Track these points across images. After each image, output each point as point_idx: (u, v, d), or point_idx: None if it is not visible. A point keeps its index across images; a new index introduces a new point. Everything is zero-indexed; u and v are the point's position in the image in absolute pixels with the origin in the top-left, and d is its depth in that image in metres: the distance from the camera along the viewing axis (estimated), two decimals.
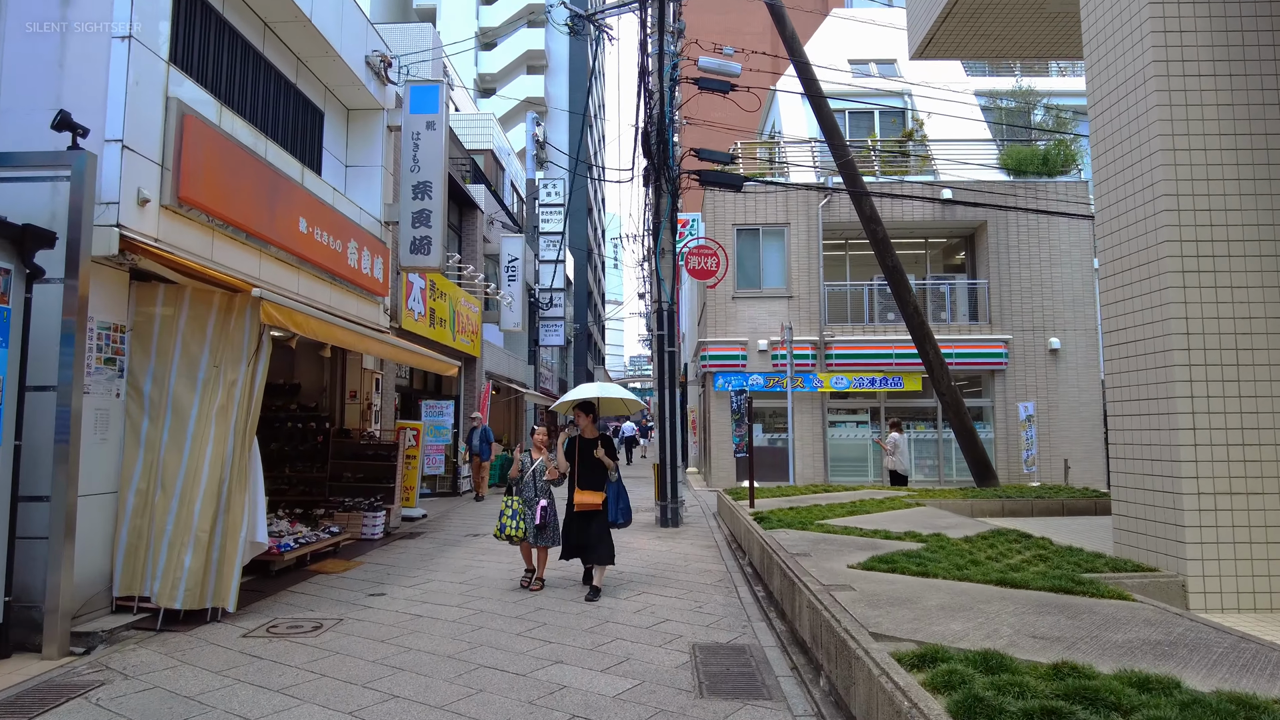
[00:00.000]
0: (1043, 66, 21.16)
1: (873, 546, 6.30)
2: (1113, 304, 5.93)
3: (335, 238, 9.22)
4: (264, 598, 6.64)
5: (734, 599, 6.49)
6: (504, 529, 6.80)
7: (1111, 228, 5.98)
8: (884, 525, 7.65)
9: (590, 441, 6.82)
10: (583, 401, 7.17)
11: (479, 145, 23.99)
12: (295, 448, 10.75)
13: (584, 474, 6.74)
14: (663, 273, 10.99)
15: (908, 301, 12.17)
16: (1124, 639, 3.58)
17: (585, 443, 6.85)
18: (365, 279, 10.15)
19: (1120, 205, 5.84)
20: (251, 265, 7.48)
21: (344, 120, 11.19)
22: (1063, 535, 7.54)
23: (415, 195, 11.01)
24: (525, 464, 7.00)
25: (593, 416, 6.98)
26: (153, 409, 5.92)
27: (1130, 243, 5.72)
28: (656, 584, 7.10)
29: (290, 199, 8.16)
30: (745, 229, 17.99)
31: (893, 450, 12.95)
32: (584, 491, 6.68)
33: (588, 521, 6.68)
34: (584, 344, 46.51)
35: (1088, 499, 10.67)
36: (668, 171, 10.72)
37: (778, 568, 5.76)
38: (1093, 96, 6.16)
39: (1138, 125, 5.58)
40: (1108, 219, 6.02)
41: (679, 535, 10.22)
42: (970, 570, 5.08)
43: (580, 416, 6.93)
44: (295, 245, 8.24)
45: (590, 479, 6.73)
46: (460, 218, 17.01)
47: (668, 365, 10.90)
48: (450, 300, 14.61)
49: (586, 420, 6.90)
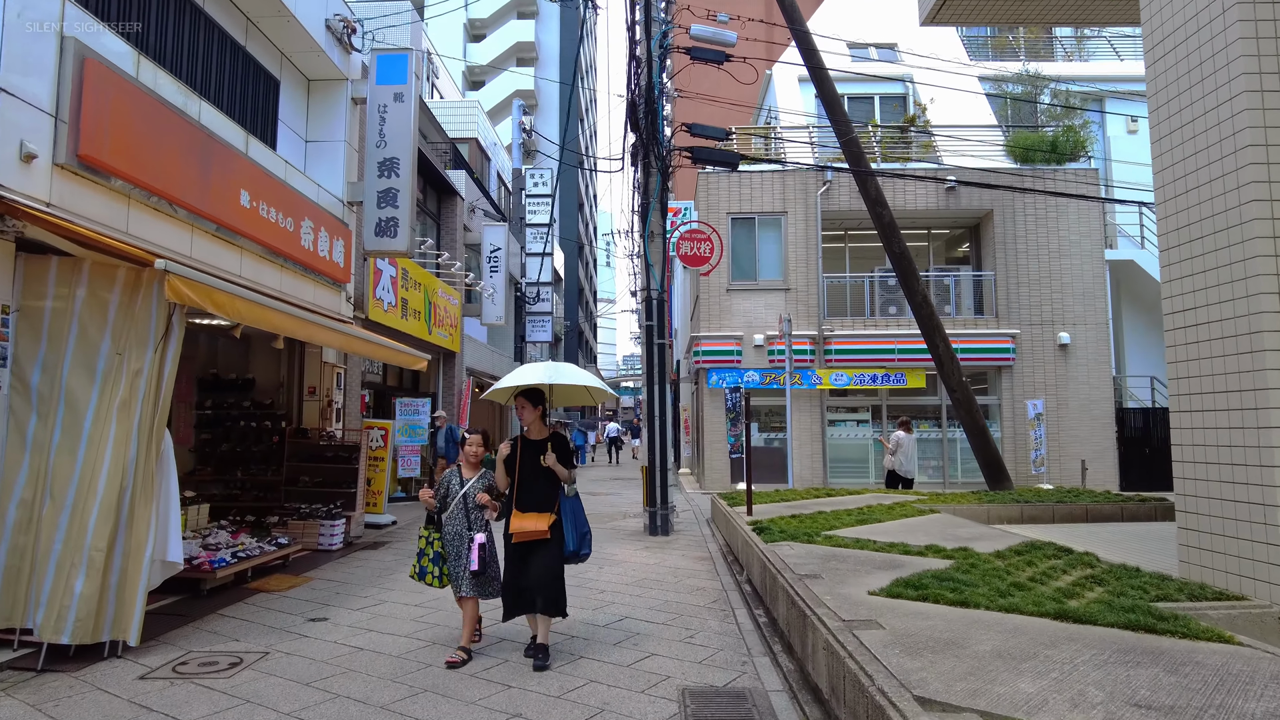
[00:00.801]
0: (1048, 50, 20.36)
1: (893, 565, 5.41)
2: (1177, 280, 5.04)
3: (286, 215, 8.29)
4: (186, 623, 5.70)
5: (731, 625, 5.59)
6: (423, 573, 5.07)
7: (1174, 191, 5.10)
8: (899, 537, 6.77)
9: (536, 444, 4.89)
10: (527, 389, 5.06)
11: (464, 134, 23.05)
12: (248, 449, 9.82)
13: (526, 489, 4.84)
14: (651, 258, 10.09)
15: (916, 290, 11.30)
16: (1265, 711, 2.69)
17: (530, 445, 4.90)
18: (323, 263, 9.21)
19: (1188, 166, 4.96)
20: (180, 241, 6.54)
21: (304, 92, 10.24)
22: (1102, 547, 6.68)
23: (381, 173, 10.08)
24: (450, 485, 5.05)
25: (541, 410, 5.05)
26: (41, 404, 4.98)
27: (1200, 208, 4.84)
28: (641, 606, 6.19)
29: (230, 169, 7.22)
30: (740, 218, 17.09)
31: (895, 450, 12.05)
32: (526, 514, 4.77)
33: (530, 554, 4.76)
34: (575, 342, 45.61)
35: (1112, 504, 9.82)
36: (657, 147, 9.82)
37: (783, 591, 4.87)
38: (1151, 39, 5.29)
39: (1215, 66, 4.71)
40: (1170, 181, 5.14)
41: (669, 545, 9.32)
42: (1017, 598, 4.20)
43: (524, 408, 4.99)
44: (235, 221, 7.30)
45: (535, 496, 4.83)
46: (439, 205, 16.07)
47: (657, 359, 10.00)
48: (426, 291, 13.67)
49: (533, 414, 4.98)
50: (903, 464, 12.09)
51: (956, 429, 16.65)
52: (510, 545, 4.82)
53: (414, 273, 13.01)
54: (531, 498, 4.84)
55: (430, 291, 13.92)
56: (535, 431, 5.00)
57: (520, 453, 4.90)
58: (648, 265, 10.02)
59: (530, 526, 4.73)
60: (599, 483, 19.63)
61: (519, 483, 4.87)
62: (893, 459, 12.18)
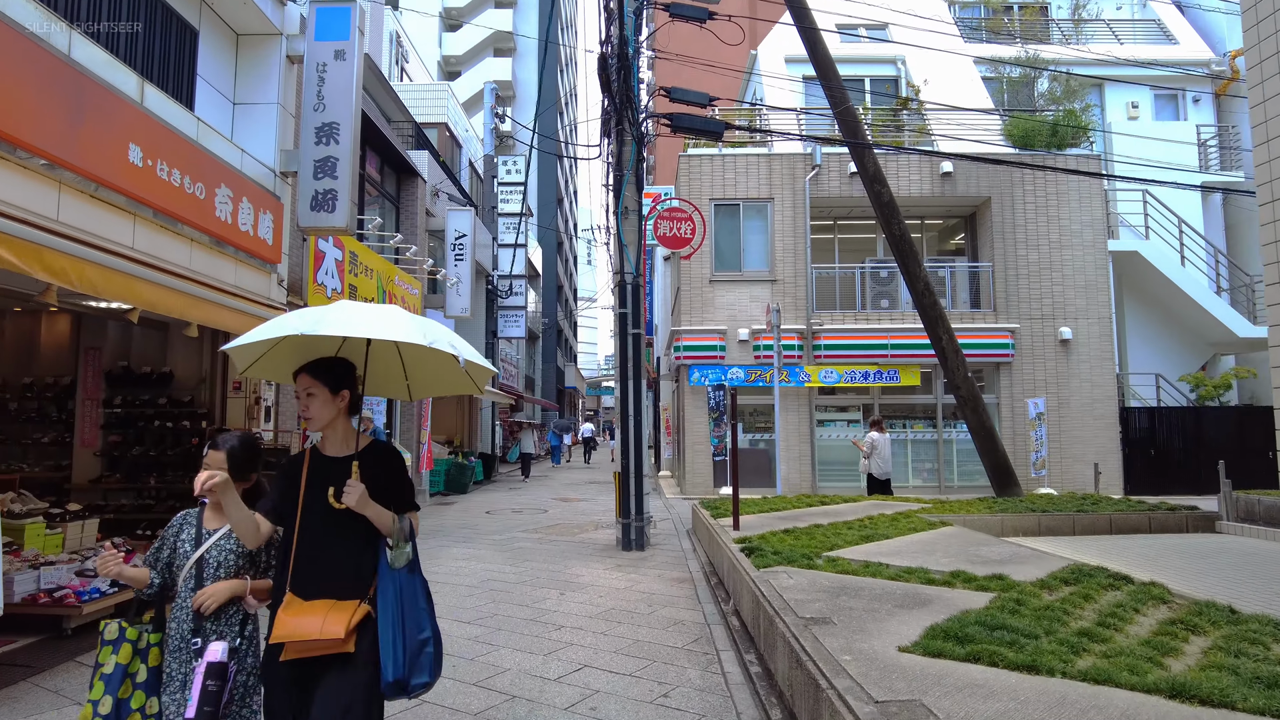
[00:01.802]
0: (1045, 32, 19.48)
1: (917, 600, 4.32)
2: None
3: (195, 180, 7.06)
4: (26, 677, 4.49)
5: (716, 677, 4.48)
6: None
7: None
8: (915, 559, 5.69)
9: (336, 463, 2.55)
10: (322, 360, 2.63)
11: (433, 119, 21.79)
12: (163, 453, 8.59)
13: (309, 555, 2.50)
14: (626, 238, 8.96)
15: (918, 277, 10.26)
16: None
17: (321, 469, 2.55)
18: (245, 238, 7.99)
19: None
20: (39, 199, 5.30)
21: (232, 47, 9.00)
22: (1149, 568, 5.67)
23: (319, 139, 8.86)
24: (179, 544, 2.66)
25: (346, 398, 2.61)
26: None
27: None
28: (606, 649, 5.06)
29: (115, 119, 6.00)
30: (724, 204, 16.02)
31: (870, 452, 11.04)
32: (307, 606, 2.43)
33: (313, 685, 2.42)
34: (553, 340, 44.38)
35: (1139, 513, 8.84)
36: (631, 111, 8.68)
37: (784, 641, 3.76)
38: None
39: None
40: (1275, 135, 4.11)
41: (644, 563, 8.20)
42: (1111, 666, 3.11)
43: (309, 393, 2.56)
44: (122, 181, 6.08)
45: (327, 568, 2.49)
46: (398, 187, 14.84)
47: (631, 350, 8.86)
48: (380, 278, 12.45)
49: (327, 407, 2.56)
50: (879, 465, 11.09)
51: (952, 430, 15.69)
52: (274, 665, 2.42)
53: (365, 257, 11.79)
54: (319, 572, 2.46)
55: (385, 279, 12.70)
56: (333, 441, 2.60)
57: (304, 482, 2.51)
58: (621, 245, 8.89)
59: (312, 630, 2.35)
60: (572, 487, 18.47)
61: (298, 542, 2.48)
62: (867, 462, 11.20)
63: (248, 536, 2.48)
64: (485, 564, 8.02)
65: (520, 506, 13.92)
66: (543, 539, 9.82)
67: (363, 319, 2.43)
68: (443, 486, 16.19)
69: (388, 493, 2.53)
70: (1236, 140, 18.30)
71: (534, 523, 11.47)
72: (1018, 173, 15.79)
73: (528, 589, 6.80)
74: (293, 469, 2.59)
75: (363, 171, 13.44)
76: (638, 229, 9.11)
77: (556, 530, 10.65)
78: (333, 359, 2.66)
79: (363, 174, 13.42)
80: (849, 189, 15.87)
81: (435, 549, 9.02)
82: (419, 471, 14.44)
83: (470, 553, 8.74)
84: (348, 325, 2.39)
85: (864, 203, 15.28)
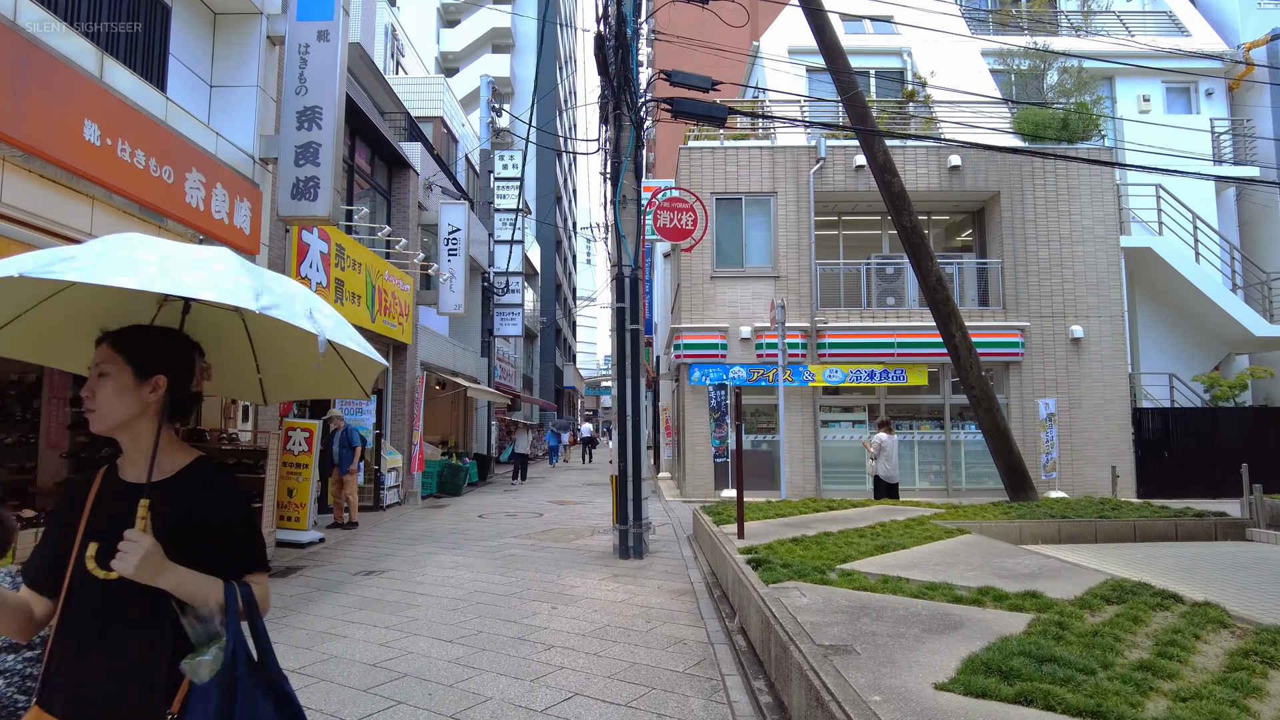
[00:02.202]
0: (1053, 24, 19.02)
1: (947, 623, 3.86)
2: None
3: (162, 164, 6.60)
4: None
5: (722, 708, 4.00)
6: None
7: None
8: (937, 572, 5.24)
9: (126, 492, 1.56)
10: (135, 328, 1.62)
11: (429, 113, 21.34)
12: None
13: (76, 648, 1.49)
14: (624, 228, 8.49)
15: (929, 271, 9.80)
16: None
17: (113, 501, 1.57)
18: (219, 227, 7.53)
19: None
20: None
21: (209, 27, 8.54)
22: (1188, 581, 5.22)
23: (300, 124, 8.41)
24: None
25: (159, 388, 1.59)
26: None
27: None
28: (599, 674, 4.59)
29: (69, 94, 5.54)
30: (726, 198, 15.56)
31: (877, 454, 10.59)
32: None
33: None
34: (552, 339, 43.92)
35: (1164, 519, 8.39)
36: (629, 94, 8.22)
37: (799, 672, 3.30)
38: None
39: None
40: None
41: (642, 572, 7.73)
42: (1191, 714, 2.66)
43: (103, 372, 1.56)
44: (77, 161, 5.62)
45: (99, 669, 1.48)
46: (390, 179, 14.37)
47: (630, 346, 8.40)
48: (369, 272, 11.98)
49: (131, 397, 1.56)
50: (886, 469, 10.64)
51: (960, 431, 15.24)
52: None
53: (352, 250, 11.32)
54: (89, 673, 1.49)
55: (374, 274, 12.23)
56: (135, 458, 1.62)
57: (82, 527, 1.56)
58: (619, 236, 8.43)
59: None
60: (570, 489, 17.99)
61: (57, 627, 1.52)
62: (875, 464, 10.75)
63: (8, 627, 1.53)
64: (474, 573, 7.56)
65: (515, 510, 13.45)
66: (536, 545, 9.36)
67: (148, 260, 1.40)
68: (435, 488, 15.72)
69: (212, 547, 1.55)
70: (1251, 133, 17.84)
71: (528, 527, 11.01)
72: (1027, 167, 15.35)
73: (517, 602, 6.33)
74: (72, 504, 1.60)
75: (352, 162, 12.98)
76: (636, 219, 8.65)
77: (551, 536, 10.18)
78: (155, 328, 1.66)
79: (352, 165, 12.96)
80: (854, 183, 15.42)
81: (423, 555, 8.56)
82: (410, 473, 13.97)
83: (459, 560, 8.28)
84: (109, 268, 1.35)
85: (869, 197, 14.84)
